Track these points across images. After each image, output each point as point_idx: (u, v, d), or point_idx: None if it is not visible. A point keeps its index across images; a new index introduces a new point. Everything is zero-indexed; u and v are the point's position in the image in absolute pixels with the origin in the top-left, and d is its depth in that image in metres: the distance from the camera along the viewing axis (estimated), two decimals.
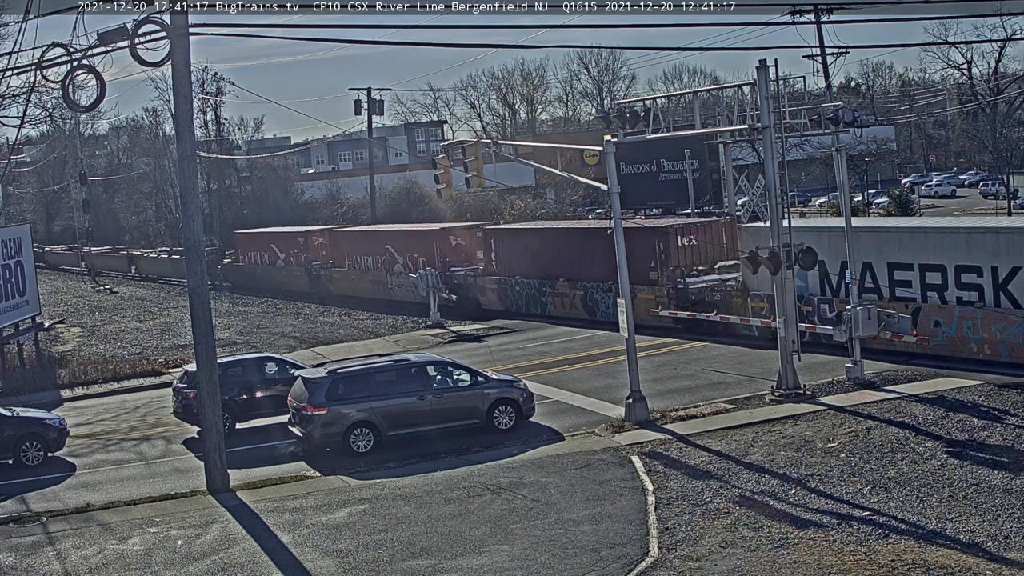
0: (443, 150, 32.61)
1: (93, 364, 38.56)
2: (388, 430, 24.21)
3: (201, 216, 23.19)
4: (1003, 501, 17.39)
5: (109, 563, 18.27)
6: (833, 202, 61.88)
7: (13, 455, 25.34)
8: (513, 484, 20.71)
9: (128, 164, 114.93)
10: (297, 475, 23.12)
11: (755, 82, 26.38)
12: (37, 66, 23.69)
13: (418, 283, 43.16)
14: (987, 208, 75.86)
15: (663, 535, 17.27)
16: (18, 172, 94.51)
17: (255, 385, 27.75)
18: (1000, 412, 22.55)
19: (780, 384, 25.70)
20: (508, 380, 25.86)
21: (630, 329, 24.84)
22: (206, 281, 22.72)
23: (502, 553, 17.12)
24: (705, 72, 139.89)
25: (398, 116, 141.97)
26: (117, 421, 30.58)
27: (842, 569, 15.29)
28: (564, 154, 64.28)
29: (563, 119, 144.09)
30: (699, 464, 21.00)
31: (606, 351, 33.33)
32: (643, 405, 24.71)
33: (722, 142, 43.05)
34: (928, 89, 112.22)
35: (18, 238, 39.71)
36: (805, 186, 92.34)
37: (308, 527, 19.29)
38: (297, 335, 43.67)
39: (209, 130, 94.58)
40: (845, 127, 27.77)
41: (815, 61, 59.54)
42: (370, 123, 73.98)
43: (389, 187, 79.02)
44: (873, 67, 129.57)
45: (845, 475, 19.44)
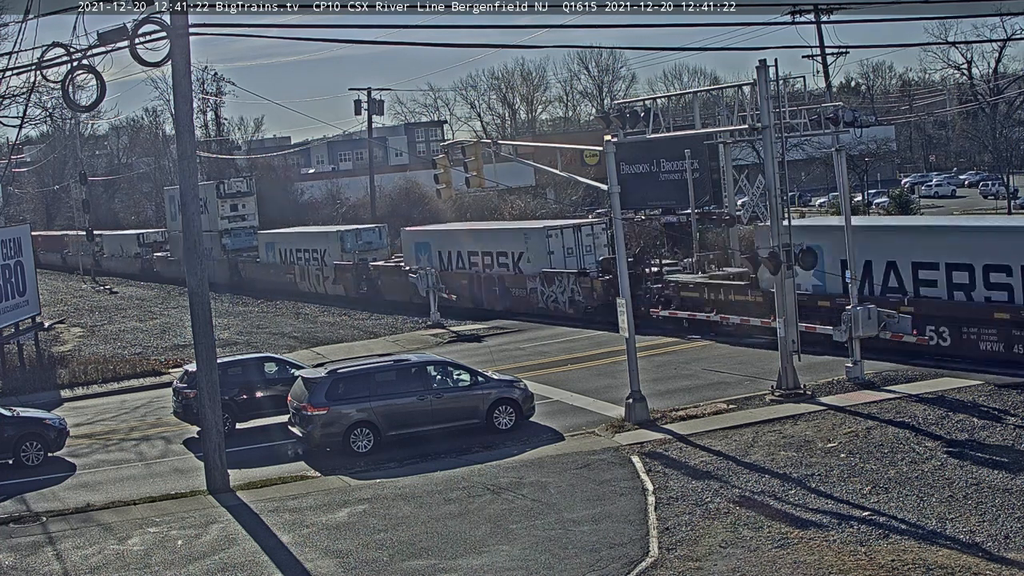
0: (443, 150, 32.62)
1: (93, 364, 38.57)
2: (388, 430, 24.21)
3: (201, 216, 23.19)
4: (1003, 501, 17.39)
5: (109, 563, 18.27)
6: (833, 202, 61.91)
7: (13, 455, 25.34)
8: (513, 484, 20.71)
9: (128, 164, 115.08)
10: (297, 475, 23.12)
11: (755, 82, 26.40)
12: (37, 66, 23.72)
13: (418, 283, 43.14)
14: (987, 208, 75.86)
15: (663, 535, 17.26)
16: (18, 172, 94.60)
17: (255, 385, 27.74)
18: (1000, 412, 22.56)
19: (780, 384, 25.70)
20: (508, 380, 25.86)
21: (630, 329, 24.84)
22: (206, 281, 22.72)
23: (502, 553, 17.11)
24: (705, 72, 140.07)
25: (398, 116, 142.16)
26: (117, 421, 30.59)
27: (842, 569, 15.29)
28: (564, 154, 64.21)
29: (563, 119, 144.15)
30: (699, 464, 21.00)
31: (606, 351, 33.34)
32: (643, 405, 24.71)
33: (722, 142, 43.00)
34: (928, 89, 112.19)
35: (18, 238, 39.72)
36: (805, 186, 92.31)
37: (308, 527, 19.29)
38: (297, 335, 43.67)
39: (209, 130, 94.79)
40: (845, 127, 27.78)
41: (815, 61, 59.68)
42: (370, 123, 74.05)
43: (389, 187, 79.10)
44: (873, 67, 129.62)
45: (845, 475, 19.44)
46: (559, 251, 42.25)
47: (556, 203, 73.70)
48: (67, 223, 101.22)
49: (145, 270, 75.36)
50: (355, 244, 54.39)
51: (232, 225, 64.27)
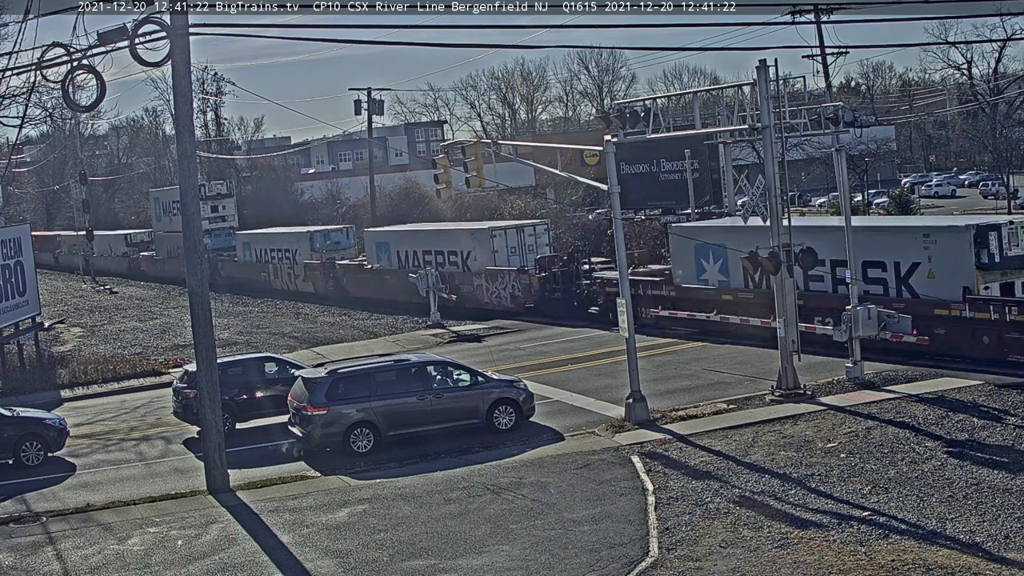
0: (443, 150, 32.62)
1: (93, 364, 38.57)
2: (388, 430, 24.21)
3: (201, 216, 23.20)
4: (1003, 501, 17.39)
5: (109, 563, 18.27)
6: (833, 202, 61.87)
7: (13, 455, 25.34)
8: (513, 484, 20.72)
9: (128, 164, 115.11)
10: (297, 475, 23.12)
11: (755, 82, 26.38)
12: (37, 66, 23.72)
13: (418, 283, 43.16)
14: (987, 208, 75.84)
15: (663, 535, 17.26)
16: (18, 172, 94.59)
17: (255, 385, 27.74)
18: (1000, 412, 22.55)
19: (780, 384, 25.69)
20: (508, 380, 25.86)
21: (630, 329, 24.84)
22: (206, 281, 22.73)
23: (502, 553, 17.12)
24: (705, 72, 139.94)
25: (398, 116, 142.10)
26: (117, 421, 30.59)
27: (842, 569, 15.29)
28: (564, 154, 64.19)
29: (563, 119, 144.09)
30: (699, 464, 21.00)
31: (606, 351, 33.34)
32: (643, 405, 24.71)
33: (722, 142, 43.07)
34: (928, 89, 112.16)
35: (18, 238, 39.72)
36: (805, 186, 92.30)
37: (308, 527, 19.29)
38: (297, 335, 43.68)
39: (209, 130, 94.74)
40: (845, 127, 27.77)
41: (815, 61, 59.67)
42: (370, 123, 74.00)
43: (389, 187, 79.03)
44: (873, 67, 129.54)
45: (845, 475, 19.44)
46: (503, 250, 44.70)
47: (556, 203, 73.62)
48: (67, 223, 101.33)
49: (132, 269, 78.42)
50: (323, 244, 57.13)
51: (212, 226, 67.08)
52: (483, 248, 44.98)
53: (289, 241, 59.09)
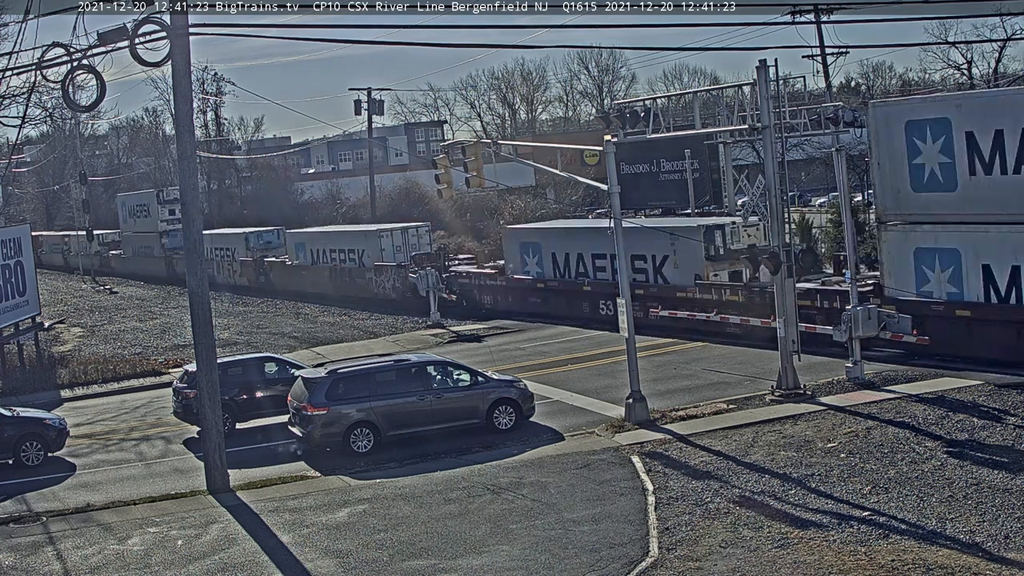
0: (443, 150, 32.63)
1: (93, 364, 38.56)
2: (388, 430, 24.21)
3: (201, 216, 23.19)
4: (1003, 501, 17.39)
5: (109, 563, 18.27)
6: (833, 202, 61.84)
7: (13, 455, 25.34)
8: (513, 484, 20.72)
9: (128, 164, 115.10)
10: (297, 475, 23.12)
11: (755, 82, 26.38)
12: (37, 66, 23.70)
13: (418, 283, 43.19)
14: None
15: (663, 535, 17.27)
16: (18, 172, 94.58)
17: (255, 385, 27.75)
18: (1000, 412, 22.55)
19: (780, 384, 25.70)
20: (508, 380, 25.86)
21: (630, 329, 24.85)
22: (206, 281, 22.71)
23: (502, 553, 17.12)
24: (705, 72, 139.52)
25: (398, 116, 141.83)
26: (117, 421, 30.59)
27: (842, 569, 15.29)
28: (564, 154, 64.09)
29: (563, 119, 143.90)
30: (699, 464, 21.00)
31: (606, 351, 33.34)
32: (643, 405, 24.71)
33: (722, 142, 43.09)
34: (928, 89, 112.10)
35: (18, 238, 39.72)
36: (805, 186, 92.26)
37: (308, 527, 19.29)
38: (297, 335, 43.69)
39: (209, 130, 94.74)
40: (845, 127, 27.83)
41: (815, 61, 59.48)
42: (370, 123, 74.02)
43: (389, 187, 79.03)
44: (873, 67, 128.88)
45: (845, 475, 19.44)
46: (389, 248, 50.84)
47: (556, 203, 73.63)
48: (67, 223, 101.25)
49: (103, 266, 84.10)
50: (257, 243, 64.25)
51: (170, 227, 71.89)
52: (372, 247, 51.14)
53: (229, 241, 66.12)
